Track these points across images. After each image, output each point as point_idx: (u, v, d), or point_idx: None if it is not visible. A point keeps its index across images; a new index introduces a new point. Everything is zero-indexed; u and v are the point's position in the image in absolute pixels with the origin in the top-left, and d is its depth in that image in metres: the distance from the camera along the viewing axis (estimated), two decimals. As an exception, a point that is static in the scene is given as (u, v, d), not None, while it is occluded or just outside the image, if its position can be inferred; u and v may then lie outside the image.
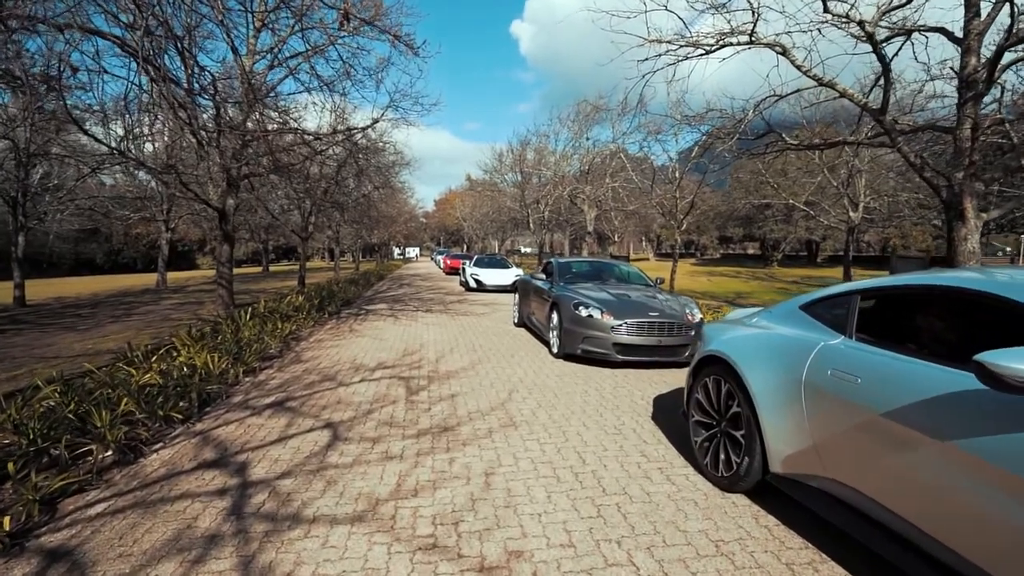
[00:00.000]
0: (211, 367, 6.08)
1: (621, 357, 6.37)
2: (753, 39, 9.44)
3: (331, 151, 16.56)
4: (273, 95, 12.67)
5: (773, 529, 2.74)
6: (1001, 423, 1.69)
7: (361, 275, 26.43)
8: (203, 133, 11.72)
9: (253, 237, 41.06)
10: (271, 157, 12.02)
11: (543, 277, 8.75)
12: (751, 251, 68.42)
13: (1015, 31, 6.91)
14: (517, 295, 10.41)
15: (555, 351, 7.21)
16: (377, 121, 14.80)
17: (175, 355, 6.69)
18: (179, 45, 7.29)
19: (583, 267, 9.20)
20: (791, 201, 28.14)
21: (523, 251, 65.49)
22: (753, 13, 9.26)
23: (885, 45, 8.75)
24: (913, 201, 27.17)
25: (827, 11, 7.98)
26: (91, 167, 17.42)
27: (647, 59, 10.30)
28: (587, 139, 29.19)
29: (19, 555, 2.62)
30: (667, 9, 9.80)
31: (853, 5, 7.89)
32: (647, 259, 59.39)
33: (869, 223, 29.98)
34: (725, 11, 9.64)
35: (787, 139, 10.79)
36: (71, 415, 4.29)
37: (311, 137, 14.28)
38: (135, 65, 6.33)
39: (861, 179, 24.07)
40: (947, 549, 1.84)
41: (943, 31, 8.28)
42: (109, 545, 2.68)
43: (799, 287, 25.12)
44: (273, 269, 45.51)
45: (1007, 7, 7.23)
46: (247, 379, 6.30)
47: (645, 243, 69.11)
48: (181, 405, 5.12)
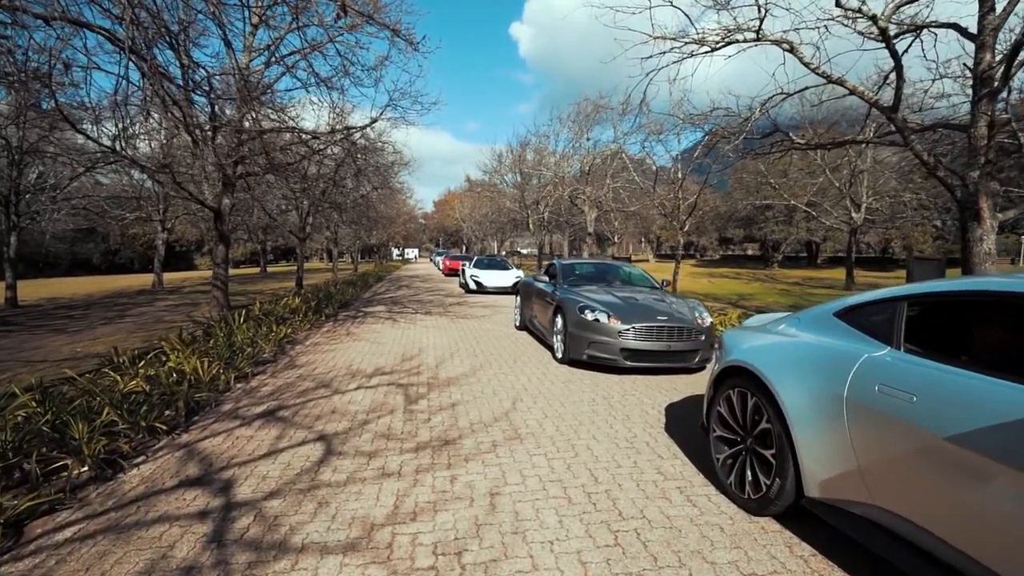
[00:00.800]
0: (201, 373, 5.82)
1: (629, 363, 6.11)
2: (760, 36, 9.22)
3: (329, 151, 16.31)
4: (270, 93, 12.43)
5: (810, 560, 2.48)
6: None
7: (359, 276, 26.16)
8: (198, 131, 11.49)
9: (251, 238, 40.75)
10: (267, 156, 11.74)
11: (546, 279, 8.49)
12: (750, 252, 68.23)
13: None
14: (519, 298, 10.15)
15: (559, 356, 6.95)
16: (376, 120, 14.54)
17: (164, 360, 6.44)
18: (172, 40, 7.03)
19: (587, 269, 8.94)
20: (793, 202, 27.95)
21: (522, 252, 65.19)
22: (759, 9, 9.04)
23: (896, 41, 8.52)
24: (914, 202, 27.00)
25: (839, 5, 7.74)
26: (85, 166, 17.12)
27: (651, 56, 10.07)
28: (587, 139, 28.96)
29: (-28, 591, 2.36)
30: (672, 4, 9.57)
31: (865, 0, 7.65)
32: (647, 260, 59.15)
33: (871, 224, 29.77)
34: (731, 7, 9.41)
35: (794, 138, 10.56)
36: (46, 427, 4.03)
37: (308, 136, 14.02)
38: (127, 60, 6.09)
39: (863, 180, 23.87)
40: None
41: (956, 27, 8.05)
42: (74, 579, 2.42)
43: (801, 288, 24.87)
44: (271, 270, 45.19)
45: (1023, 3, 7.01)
46: (239, 385, 6.04)
47: (644, 244, 68.87)
48: (167, 414, 4.86)
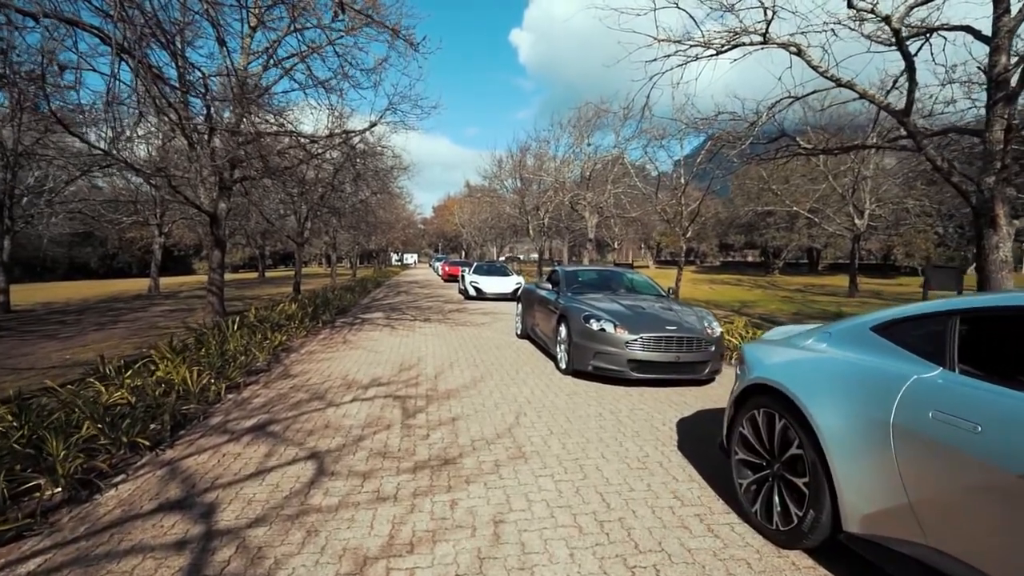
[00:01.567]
0: (190, 384, 5.57)
1: (636, 375, 5.86)
2: (767, 39, 9.04)
3: (328, 155, 16.12)
4: (268, 95, 12.24)
5: (850, 604, 2.25)
6: None
7: (358, 282, 25.92)
8: (194, 134, 11.27)
9: (249, 242, 40.54)
10: (263, 160, 11.52)
11: (548, 287, 8.25)
12: (751, 258, 68.07)
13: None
14: (520, 305, 9.91)
15: (563, 367, 6.71)
16: (375, 124, 14.35)
17: (153, 369, 6.19)
18: (166, 39, 6.82)
19: (591, 276, 8.70)
20: (795, 208, 27.79)
21: (520, 258, 64.98)
22: (766, 12, 8.87)
23: (908, 44, 8.34)
24: (916, 208, 26.84)
25: (851, 6, 7.55)
26: (81, 169, 16.90)
27: (655, 59, 9.89)
28: (588, 144, 28.82)
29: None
30: (678, 7, 9.39)
31: (879, 0, 7.47)
32: (647, 266, 58.97)
33: (873, 231, 29.61)
34: (736, 10, 9.23)
35: (801, 143, 10.36)
36: (21, 442, 3.78)
37: (307, 140, 13.82)
38: (120, 60, 5.89)
39: (867, 186, 23.71)
40: None
41: (969, 29, 7.87)
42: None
43: (803, 295, 24.65)
44: (269, 275, 44.94)
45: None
46: (230, 396, 5.79)
47: (645, 250, 68.70)
48: (152, 428, 4.61)
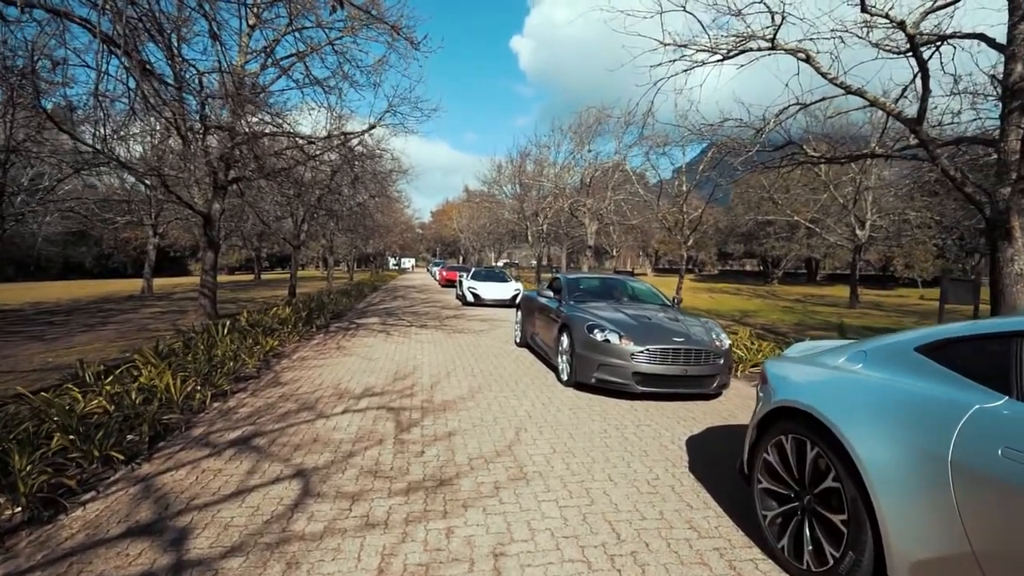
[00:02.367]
0: (173, 392, 5.29)
1: (642, 388, 5.60)
2: (775, 45, 8.86)
3: (326, 157, 15.89)
4: (265, 94, 12.01)
5: (898, 662, 1.99)
6: None
7: (354, 286, 25.64)
8: (189, 133, 11.01)
9: (246, 245, 40.23)
10: (256, 161, 11.26)
11: (550, 294, 7.99)
12: (749, 268, 68.02)
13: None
14: (519, 313, 9.64)
15: (564, 378, 6.44)
16: (374, 126, 14.14)
17: (136, 375, 5.91)
18: (158, 30, 6.58)
19: (593, 284, 8.45)
20: (796, 218, 27.67)
21: (516, 263, 64.68)
22: (773, 18, 8.69)
23: (924, 50, 8.17)
24: (916, 220, 26.73)
25: (865, 10, 7.36)
26: (74, 167, 16.61)
27: (660, 64, 9.70)
28: (589, 151, 28.66)
29: None
30: (685, 10, 9.20)
31: (892, 5, 7.28)
32: (645, 274, 58.81)
33: (873, 241, 29.48)
34: (744, 15, 9.05)
35: (808, 151, 10.16)
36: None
37: (304, 141, 13.58)
38: (112, 56, 5.65)
39: (868, 197, 23.58)
40: None
41: (982, 37, 7.70)
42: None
43: (804, 306, 24.47)
44: (265, 277, 44.61)
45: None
46: (215, 405, 5.51)
47: (643, 258, 68.58)
48: (129, 439, 4.34)
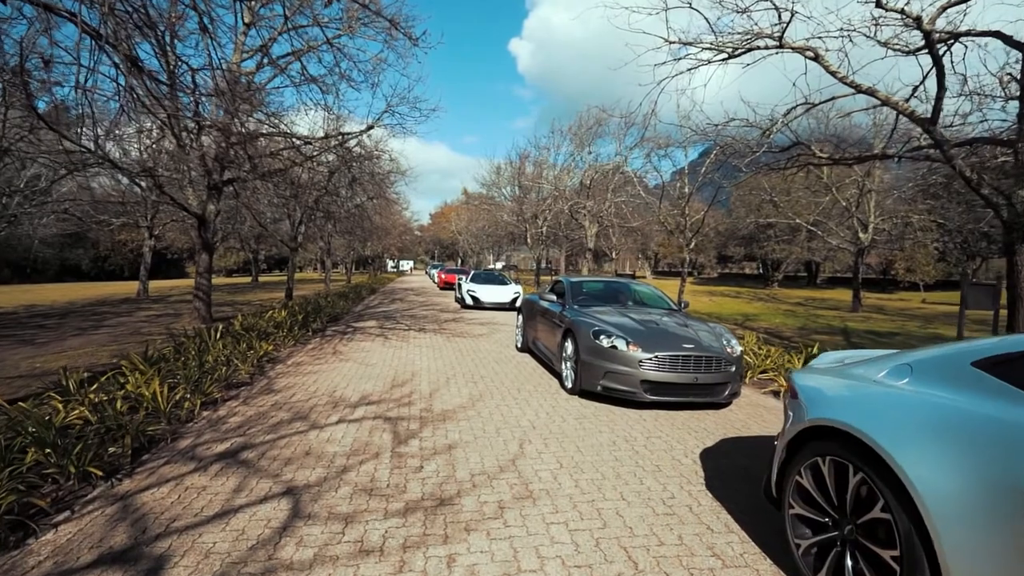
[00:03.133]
0: (160, 401, 5.05)
1: (650, 397, 5.36)
2: (783, 43, 8.66)
3: (323, 158, 15.66)
4: (261, 94, 11.78)
5: None
6: None
7: (352, 288, 25.39)
8: (183, 132, 10.79)
9: (244, 247, 39.94)
10: (250, 161, 11.03)
11: (553, 298, 7.75)
12: (748, 271, 67.86)
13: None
14: (520, 317, 9.39)
15: (569, 386, 6.20)
16: (372, 127, 13.92)
17: (122, 382, 5.66)
18: (152, 28, 6.35)
19: (597, 287, 8.21)
20: (798, 221, 27.48)
21: (518, 266, 64.49)
22: (780, 16, 8.49)
23: (940, 48, 7.97)
24: (920, 223, 26.56)
25: (880, 5, 7.16)
26: (67, 168, 16.36)
27: (665, 62, 9.51)
28: (589, 152, 28.46)
29: None
30: (691, 7, 8.99)
31: (908, 0, 7.09)
32: (645, 277, 58.60)
33: (875, 244, 29.33)
34: (751, 11, 8.84)
35: (816, 152, 9.94)
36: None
37: (300, 142, 13.36)
38: (101, 52, 5.42)
39: (871, 199, 23.39)
40: None
41: (999, 35, 7.49)
42: None
43: (806, 309, 24.27)
44: (263, 280, 44.32)
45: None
46: (205, 414, 5.27)
47: (642, 260, 68.36)
48: (111, 452, 4.09)
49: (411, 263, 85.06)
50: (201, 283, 12.73)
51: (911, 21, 7.34)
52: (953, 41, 8.06)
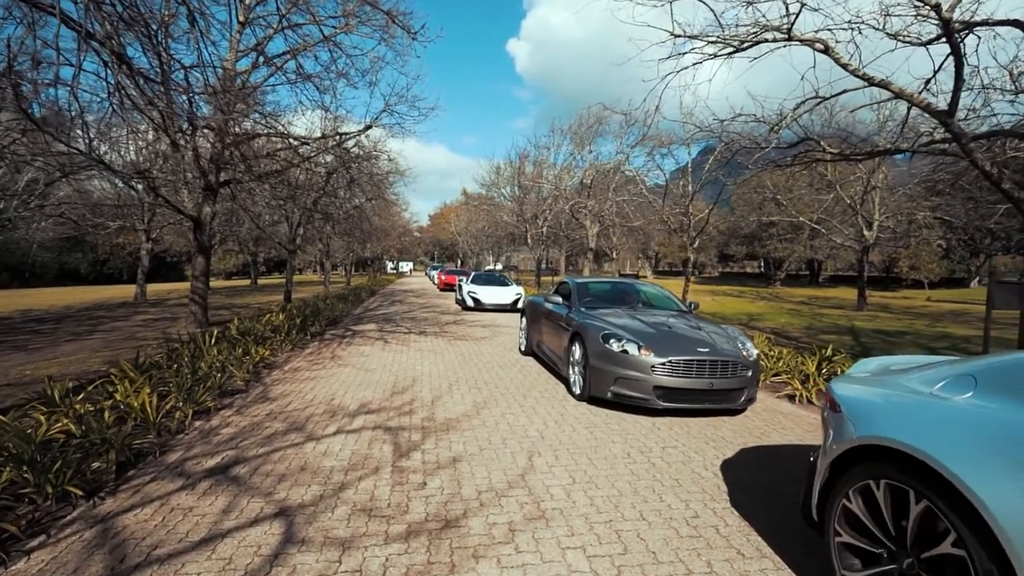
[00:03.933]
0: (149, 411, 4.80)
1: (664, 404, 5.11)
2: (792, 36, 8.42)
3: (321, 158, 15.42)
4: (259, 92, 11.55)
5: None
6: None
7: (351, 290, 25.13)
8: (177, 133, 10.53)
9: (242, 249, 39.65)
10: (244, 162, 10.78)
11: (558, 299, 7.49)
12: (749, 270, 67.63)
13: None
14: (524, 319, 9.13)
15: (577, 392, 5.94)
16: (370, 126, 13.67)
17: (111, 391, 5.41)
18: (144, 24, 6.11)
19: (604, 288, 7.96)
20: (801, 219, 27.23)
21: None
22: (788, 8, 8.25)
23: (939, 43, 7.75)
24: (924, 220, 26.33)
25: (897, -7, 6.90)
26: (60, 171, 16.11)
27: (670, 57, 9.26)
28: (590, 152, 28.21)
29: None
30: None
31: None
32: (646, 276, 58.36)
33: (879, 242, 29.10)
34: (757, 2, 8.60)
35: (826, 147, 9.69)
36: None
37: (297, 142, 13.11)
38: (87, 46, 5.17)
39: (876, 196, 23.12)
40: None
41: (1017, 23, 7.25)
42: None
43: (810, 308, 24.01)
44: (262, 282, 44.07)
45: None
46: (197, 424, 5.02)
47: (642, 260, 68.10)
48: (96, 467, 3.84)
49: (411, 264, 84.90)
50: (197, 287, 12.48)
51: (927, 10, 7.09)
52: (967, 32, 7.82)
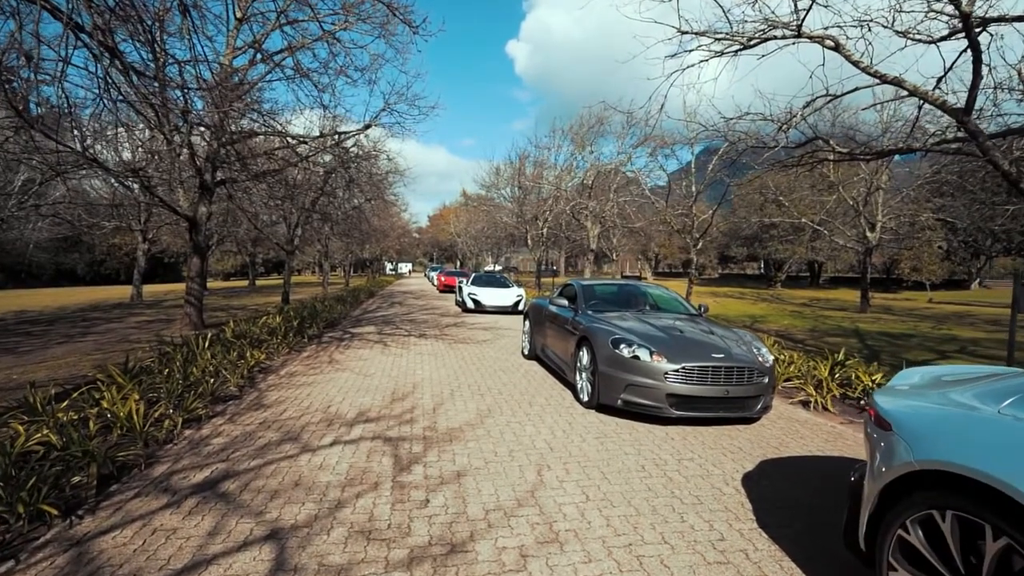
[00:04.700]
0: (136, 420, 4.55)
1: (677, 413, 4.87)
2: (800, 32, 8.21)
3: (319, 158, 15.19)
4: (257, 90, 11.31)
5: None
6: None
7: (350, 292, 24.87)
8: (172, 131, 10.28)
9: (240, 250, 39.36)
10: (241, 161, 10.53)
11: (564, 302, 7.25)
12: (750, 271, 67.47)
13: None
14: (527, 322, 8.89)
15: (585, 399, 5.70)
16: (370, 125, 13.43)
17: (97, 398, 5.17)
18: (138, 16, 5.86)
19: (611, 291, 7.72)
20: (803, 220, 27.03)
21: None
22: (796, 3, 8.04)
23: (951, 40, 7.55)
24: (926, 221, 26.15)
25: (913, -12, 6.69)
26: (54, 170, 15.84)
27: (676, 55, 9.04)
28: (591, 152, 28.00)
29: None
30: (705, -6, 8.53)
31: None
32: (645, 278, 58.17)
33: (882, 244, 28.91)
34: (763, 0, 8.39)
35: (835, 146, 9.47)
36: None
37: (295, 141, 12.87)
38: (75, 38, 4.94)
39: (879, 197, 22.94)
40: None
41: (1036, 20, 7.04)
42: None
43: (812, 310, 23.81)
44: (260, 283, 43.75)
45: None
46: (187, 433, 4.77)
47: (642, 261, 67.90)
48: (76, 481, 3.60)
49: (410, 265, 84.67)
50: (193, 288, 12.24)
51: (940, 5, 6.89)
52: (982, 29, 7.62)
